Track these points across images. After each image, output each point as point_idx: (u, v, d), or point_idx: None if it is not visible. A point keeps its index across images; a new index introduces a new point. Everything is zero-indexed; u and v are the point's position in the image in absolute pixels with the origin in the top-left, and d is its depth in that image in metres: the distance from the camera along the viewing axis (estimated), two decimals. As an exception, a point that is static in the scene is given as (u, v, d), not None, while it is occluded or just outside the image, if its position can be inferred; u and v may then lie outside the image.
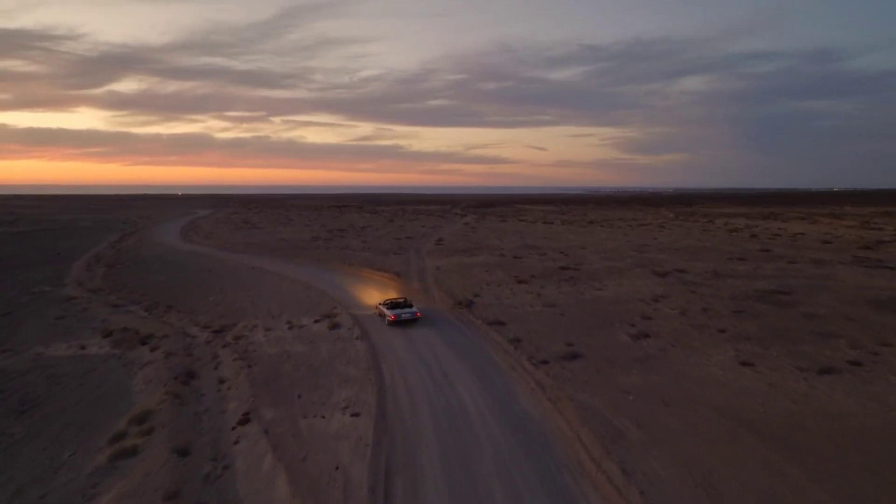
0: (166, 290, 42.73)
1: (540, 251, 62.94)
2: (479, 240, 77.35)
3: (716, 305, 34.08)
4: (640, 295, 37.75)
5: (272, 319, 33.52)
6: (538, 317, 32.15)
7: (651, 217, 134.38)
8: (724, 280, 42.95)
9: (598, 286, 41.27)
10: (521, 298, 37.35)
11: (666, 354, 24.82)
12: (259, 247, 70.47)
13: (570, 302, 35.97)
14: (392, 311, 31.54)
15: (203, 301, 38.69)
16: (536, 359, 24.48)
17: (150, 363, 25.50)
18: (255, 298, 39.20)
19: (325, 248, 67.50)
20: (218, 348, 27.89)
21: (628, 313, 32.50)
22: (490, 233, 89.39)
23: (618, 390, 20.74)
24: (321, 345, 27.92)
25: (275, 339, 29.27)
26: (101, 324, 33.10)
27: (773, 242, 70.75)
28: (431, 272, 49.09)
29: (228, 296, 40.19)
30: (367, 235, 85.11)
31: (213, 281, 46.10)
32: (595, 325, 30.15)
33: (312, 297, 39.06)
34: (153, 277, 48.14)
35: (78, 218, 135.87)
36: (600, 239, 78.02)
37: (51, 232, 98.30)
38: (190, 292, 41.68)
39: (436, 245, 71.19)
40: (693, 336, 27.51)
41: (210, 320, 33.64)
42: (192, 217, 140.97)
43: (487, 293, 39.20)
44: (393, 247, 68.89)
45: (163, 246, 73.95)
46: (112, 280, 47.26)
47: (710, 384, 21.07)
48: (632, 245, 69.34)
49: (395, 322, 31.10)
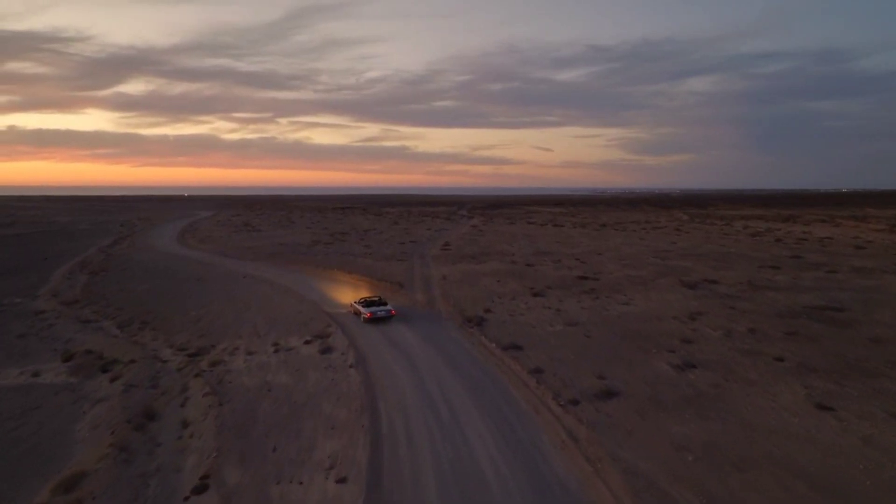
0: (147, 302, 38.84)
1: (554, 257, 58.73)
2: (488, 244, 73.19)
3: (763, 325, 29.78)
4: (673, 311, 33.50)
5: (257, 339, 29.52)
6: (560, 339, 27.97)
7: (665, 219, 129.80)
8: (763, 293, 38.61)
9: (623, 300, 37.04)
10: (538, 315, 33.19)
11: (721, 392, 20.60)
12: (255, 252, 66.60)
13: (595, 320, 31.77)
14: (368, 309, 32.80)
15: (184, 316, 34.74)
16: (564, 397, 20.33)
17: (104, 399, 21.51)
18: (241, 313, 35.23)
19: (325, 254, 63.52)
20: (189, 378, 23.88)
21: (664, 335, 28.26)
22: (499, 237, 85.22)
23: (671, 445, 16.57)
24: (309, 374, 23.87)
25: (257, 365, 25.25)
26: (65, 345, 29.18)
27: (801, 248, 66.21)
28: (437, 282, 44.99)
29: (213, 309, 36.23)
30: (369, 239, 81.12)
31: (200, 291, 42.18)
32: (628, 350, 25.94)
33: (305, 312, 35.05)
34: (136, 287, 44.29)
35: (77, 220, 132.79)
36: (616, 244, 73.69)
37: (46, 234, 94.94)
38: (172, 305, 37.78)
39: (442, 250, 67.10)
40: (747, 366, 23.26)
41: (187, 340, 29.67)
42: (193, 219, 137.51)
43: (500, 308, 35.07)
44: (396, 252, 64.84)
45: (154, 251, 70.23)
46: (91, 290, 43.42)
47: (788, 437, 16.86)
48: (651, 250, 65.01)
49: (371, 319, 32.23)
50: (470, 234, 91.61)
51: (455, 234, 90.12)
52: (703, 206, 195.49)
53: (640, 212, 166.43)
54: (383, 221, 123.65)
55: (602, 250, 65.71)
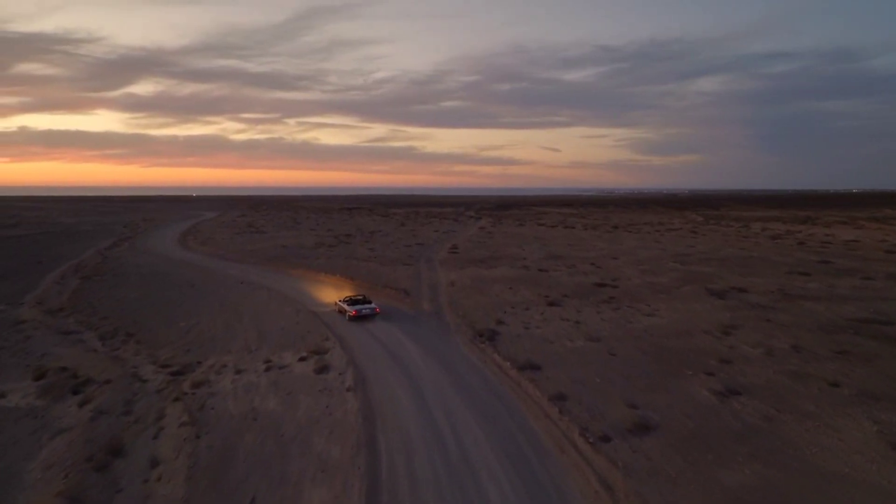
0: (135, 310, 36.40)
1: (567, 262, 55.88)
2: (498, 247, 70.40)
3: (807, 342, 26.85)
4: (703, 324, 30.62)
5: (248, 355, 26.94)
6: (582, 357, 25.18)
7: (678, 221, 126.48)
8: (799, 303, 35.63)
9: (647, 310, 34.19)
10: (555, 328, 30.41)
11: (775, 427, 17.77)
12: (256, 255, 64.18)
13: (618, 334, 28.95)
14: (353, 308, 33.61)
15: (172, 327, 32.25)
16: (593, 432, 17.57)
17: (68, 429, 18.97)
18: (234, 324, 32.70)
19: (328, 257, 60.99)
20: (168, 402, 21.32)
21: (697, 353, 25.42)
22: (508, 239, 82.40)
23: (726, 499, 13.79)
24: (301, 399, 21.25)
25: (244, 387, 22.65)
26: (39, 360, 26.72)
27: (828, 252, 62.94)
28: (445, 289, 42.30)
29: (204, 320, 33.72)
30: (375, 242, 78.54)
31: (193, 299, 39.72)
32: (659, 371, 23.13)
33: (302, 324, 32.46)
34: (126, 294, 41.89)
35: (80, 221, 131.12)
36: (631, 247, 70.70)
37: (47, 236, 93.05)
38: (161, 314, 35.32)
39: (450, 253, 64.40)
40: (800, 394, 20.40)
41: (172, 355, 27.15)
42: (197, 220, 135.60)
43: (513, 319, 32.32)
44: (402, 255, 62.20)
45: (153, 253, 67.96)
46: (79, 297, 41.07)
47: (868, 491, 14.04)
48: (669, 254, 62.01)
49: (356, 317, 33.04)
50: (478, 236, 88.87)
51: (463, 237, 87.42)
52: (716, 207, 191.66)
53: (651, 213, 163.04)
54: (390, 223, 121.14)
55: (617, 254, 62.76)
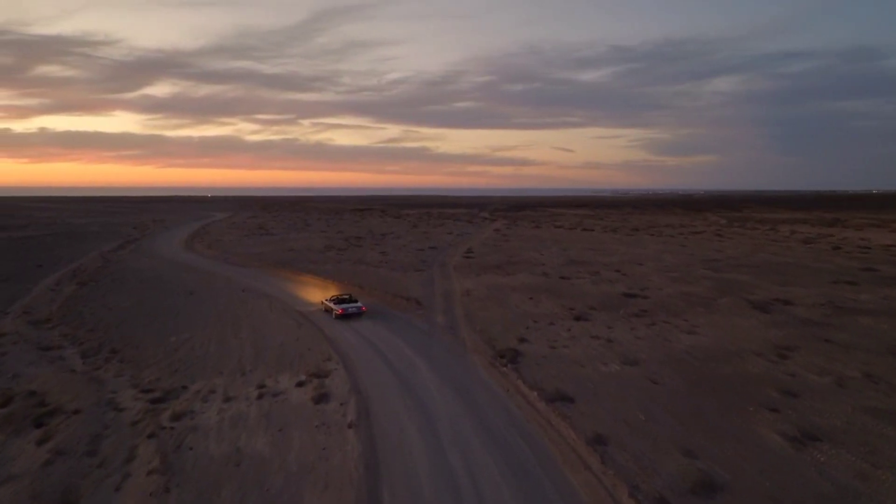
0: (126, 322, 33.64)
1: (590, 268, 52.42)
2: (515, 251, 67.04)
3: (880, 369, 23.27)
4: (753, 343, 27.12)
5: (241, 378, 23.96)
6: (619, 386, 21.86)
7: (700, 223, 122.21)
8: (854, 318, 31.96)
9: (686, 326, 30.73)
10: (584, 347, 27.08)
11: (874, 488, 14.34)
12: (262, 259, 61.45)
13: (657, 356, 25.55)
14: (339, 306, 34.20)
15: (163, 341, 29.38)
16: (645, 492, 14.28)
17: (15, 477, 16.07)
18: (229, 339, 29.77)
19: (337, 262, 58.06)
20: (142, 439, 18.37)
21: (754, 382, 21.97)
22: (525, 242, 78.99)
23: None
24: (294, 437, 18.17)
25: (231, 420, 19.64)
26: (9, 382, 23.92)
27: (869, 258, 58.82)
28: (460, 299, 39.11)
29: (198, 333, 30.84)
30: (386, 245, 75.53)
31: (189, 309, 36.91)
32: (713, 406, 19.74)
33: (303, 340, 29.43)
34: (120, 302, 39.20)
35: (90, 222, 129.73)
36: (655, 251, 67.00)
37: (53, 237, 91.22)
38: (152, 327, 32.51)
39: (464, 258, 61.19)
40: (892, 440, 16.92)
41: (157, 377, 24.25)
42: (208, 221, 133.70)
43: (537, 336, 29.04)
44: (414, 260, 59.09)
45: (156, 256, 65.49)
46: (70, 306, 38.43)
47: None
48: (697, 260, 58.30)
49: (342, 316, 33.62)
50: (493, 239, 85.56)
51: (478, 239, 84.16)
52: (737, 209, 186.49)
53: (671, 214, 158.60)
54: (402, 224, 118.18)
55: (642, 259, 59.17)
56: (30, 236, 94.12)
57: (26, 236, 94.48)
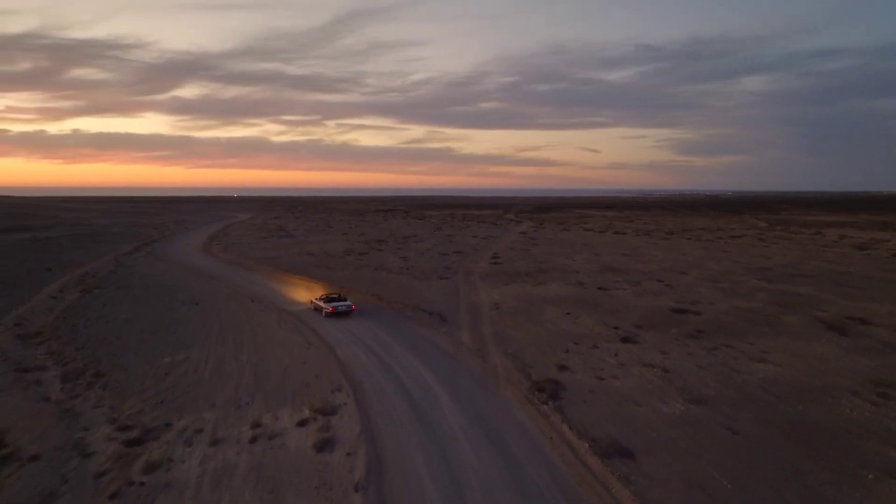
0: (119, 338, 30.58)
1: (629, 277, 48.08)
2: (544, 257, 62.88)
3: None
4: (842, 377, 22.69)
5: (235, 412, 20.54)
6: (689, 436, 17.76)
7: (737, 226, 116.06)
8: (954, 343, 27.23)
9: (753, 352, 26.38)
10: (637, 378, 23.02)
11: None
12: (278, 264, 58.45)
13: (728, 392, 21.34)
14: (329, 305, 34.38)
15: (154, 362, 26.19)
16: None
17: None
18: (229, 360, 26.44)
19: (356, 268, 54.70)
20: (103, 499, 15.02)
21: (860, 433, 17.65)
22: (554, 246, 74.71)
23: None
24: (288, 499, 14.61)
25: (214, 475, 16.14)
26: (-26, 412, 20.97)
27: (939, 267, 53.22)
28: (488, 313, 35.28)
29: (195, 353, 27.57)
30: (408, 249, 71.99)
31: (191, 322, 33.80)
32: (816, 470, 15.53)
33: (311, 363, 25.92)
34: (118, 314, 36.29)
35: (113, 223, 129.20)
36: (697, 257, 62.19)
37: (73, 238, 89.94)
38: (148, 342, 29.41)
39: (491, 264, 57.32)
40: None
41: (140, 409, 20.97)
42: (229, 222, 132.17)
43: (579, 363, 25.05)
44: (437, 266, 55.39)
45: (169, 260, 62.92)
46: (66, 318, 35.65)
47: None
48: (744, 268, 53.44)
49: (333, 314, 33.87)
50: (521, 242, 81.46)
51: (504, 243, 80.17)
52: (774, 211, 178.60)
53: (704, 216, 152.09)
54: (425, 226, 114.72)
55: (684, 267, 54.52)
56: (52, 237, 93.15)
57: (49, 237, 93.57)
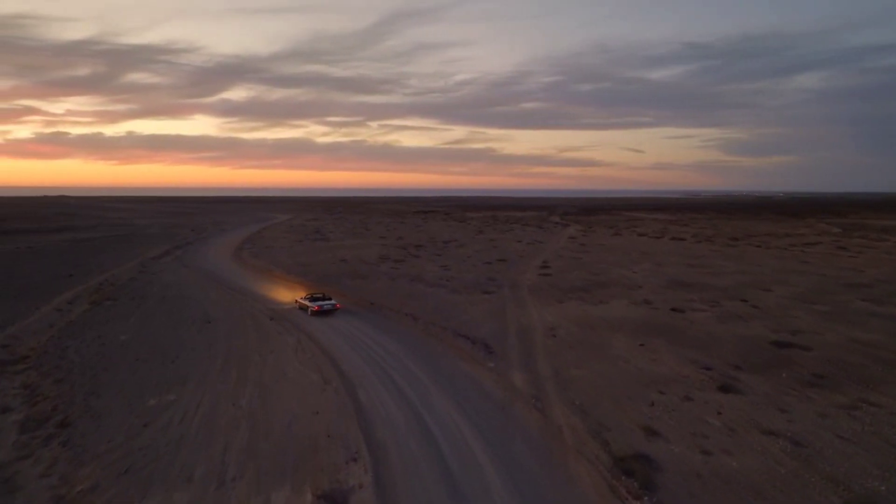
0: (108, 369, 26.01)
1: (703, 294, 41.28)
2: (599, 266, 56.35)
3: None
4: None
5: (215, 492, 15.42)
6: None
7: (806, 231, 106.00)
8: None
9: (905, 412, 19.74)
10: (758, 454, 16.79)
11: None
12: (308, 271, 53.93)
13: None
14: (315, 303, 35.06)
15: (134, 407, 21.39)
16: None
17: None
18: (225, 408, 21.43)
19: (390, 278, 49.56)
20: None
21: None
22: (608, 254, 67.90)
23: None
24: None
25: None
26: None
27: None
28: (542, 341, 29.39)
29: (185, 395, 22.65)
30: (448, 255, 66.47)
31: (194, 349, 29.11)
32: None
33: (326, 411, 20.62)
34: (119, 333, 32.01)
35: (153, 223, 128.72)
36: (775, 269, 54.53)
37: (109, 241, 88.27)
38: (137, 376, 24.80)
39: (540, 275, 51.28)
40: None
41: (94, 483, 16.05)
42: (266, 224, 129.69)
43: (671, 424, 18.95)
44: (480, 277, 49.68)
45: (195, 267, 59.11)
46: (61, 338, 31.55)
47: None
48: (835, 283, 45.86)
49: (318, 312, 34.55)
50: (570, 248, 74.92)
51: (552, 249, 73.83)
52: (842, 214, 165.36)
53: (764, 220, 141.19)
54: (466, 230, 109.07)
55: (764, 281, 47.24)
56: (90, 238, 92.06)
57: (87, 238, 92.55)
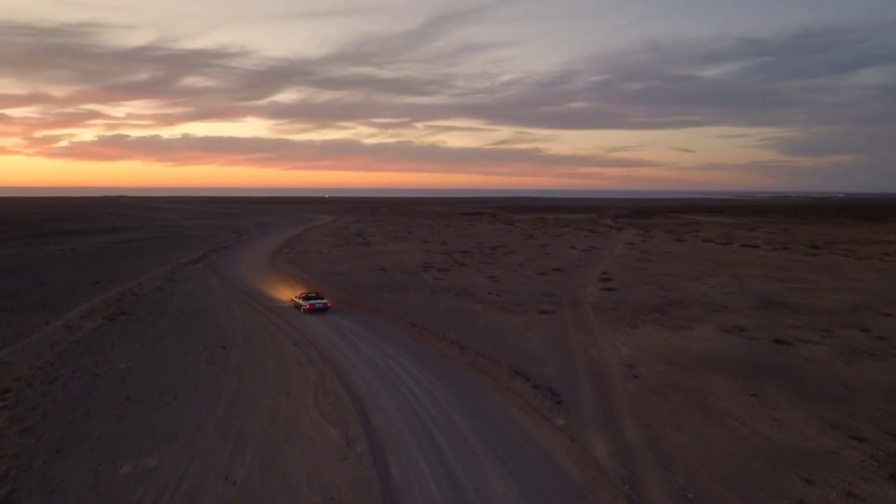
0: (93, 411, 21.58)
1: (806, 319, 34.30)
2: (669, 279, 49.51)
3: None
4: None
5: None
6: None
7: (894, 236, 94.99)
8: None
9: None
10: None
11: None
12: (343, 281, 49.32)
13: None
14: (307, 302, 36.97)
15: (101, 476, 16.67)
16: None
17: None
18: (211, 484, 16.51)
19: (433, 291, 44.28)
20: None
21: None
22: (675, 263, 60.69)
23: None
24: None
25: None
26: None
27: None
28: (621, 385, 23.42)
29: (168, 462, 17.71)
30: (497, 264, 60.70)
31: (197, 388, 24.44)
32: None
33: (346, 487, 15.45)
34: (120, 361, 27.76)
35: (197, 224, 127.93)
36: (882, 286, 46.56)
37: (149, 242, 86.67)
38: (122, 423, 20.29)
39: (602, 289, 45.00)
40: None
41: None
42: (308, 226, 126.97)
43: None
44: (535, 292, 43.78)
45: (225, 276, 55.19)
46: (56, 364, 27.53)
47: None
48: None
49: (311, 311, 36.21)
50: (631, 256, 67.94)
51: (611, 257, 67.07)
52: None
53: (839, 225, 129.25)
54: (514, 233, 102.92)
55: (875, 302, 39.70)
56: (130, 240, 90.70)
57: (130, 239, 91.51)
